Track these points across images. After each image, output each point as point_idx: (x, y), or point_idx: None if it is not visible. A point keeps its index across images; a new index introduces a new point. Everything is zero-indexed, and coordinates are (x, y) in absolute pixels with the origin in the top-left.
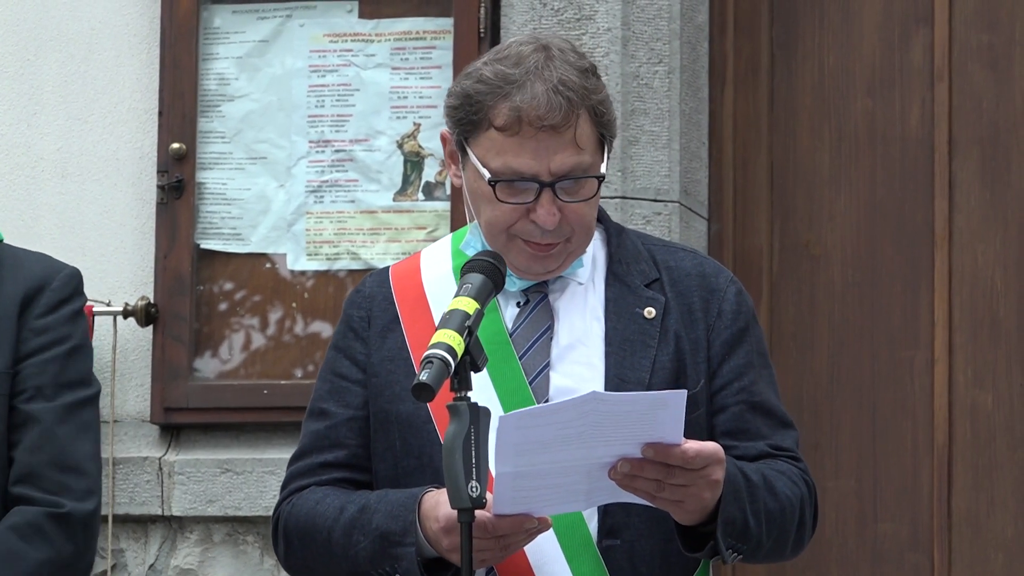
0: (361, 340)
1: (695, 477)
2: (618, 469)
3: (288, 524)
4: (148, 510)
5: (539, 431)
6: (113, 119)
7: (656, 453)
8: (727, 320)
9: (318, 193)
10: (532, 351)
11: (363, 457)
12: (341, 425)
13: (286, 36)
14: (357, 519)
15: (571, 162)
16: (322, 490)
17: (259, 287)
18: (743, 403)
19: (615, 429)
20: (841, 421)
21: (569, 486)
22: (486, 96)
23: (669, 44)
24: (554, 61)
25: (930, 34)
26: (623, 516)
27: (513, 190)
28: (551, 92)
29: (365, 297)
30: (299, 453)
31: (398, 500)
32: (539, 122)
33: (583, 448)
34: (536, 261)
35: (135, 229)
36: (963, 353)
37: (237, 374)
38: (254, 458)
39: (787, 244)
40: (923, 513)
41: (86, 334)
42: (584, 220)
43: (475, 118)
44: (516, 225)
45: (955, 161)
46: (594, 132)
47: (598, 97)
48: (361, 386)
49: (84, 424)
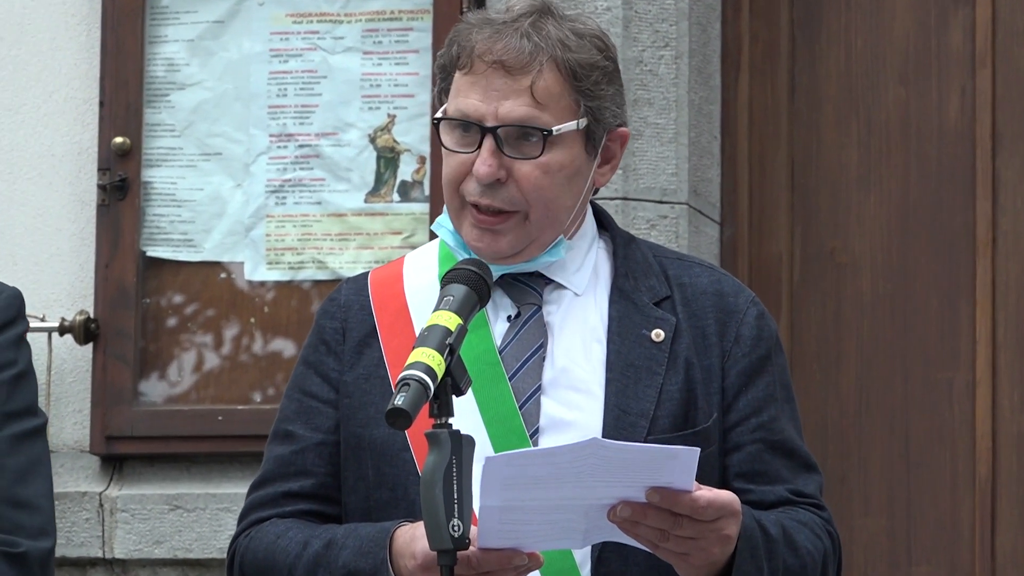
0: (334, 355)
1: (705, 530)
2: (618, 512)
3: (245, 560)
4: (87, 552)
5: (531, 469)
6: (48, 110)
7: (662, 499)
8: (746, 346)
9: (280, 194)
10: (523, 372)
11: (332, 487)
12: (308, 450)
13: (243, 16)
14: (322, 556)
15: (522, 111)
16: (284, 523)
17: (213, 300)
18: (761, 442)
19: (618, 473)
20: (871, 451)
21: (564, 523)
22: (460, 36)
23: (676, 25)
24: (547, 18)
25: (971, 14)
26: (619, 564)
27: (457, 136)
28: (517, 34)
29: (340, 306)
30: (260, 480)
31: (368, 535)
32: (489, 56)
33: (580, 488)
34: (483, 238)
35: (73, 234)
36: (1008, 374)
37: (188, 398)
38: (207, 493)
39: (809, 251)
40: (963, 555)
41: (30, 360)
42: (541, 191)
43: (445, 61)
44: (464, 185)
45: (999, 157)
46: (565, 93)
47: (579, 56)
48: (332, 407)
49: (35, 457)
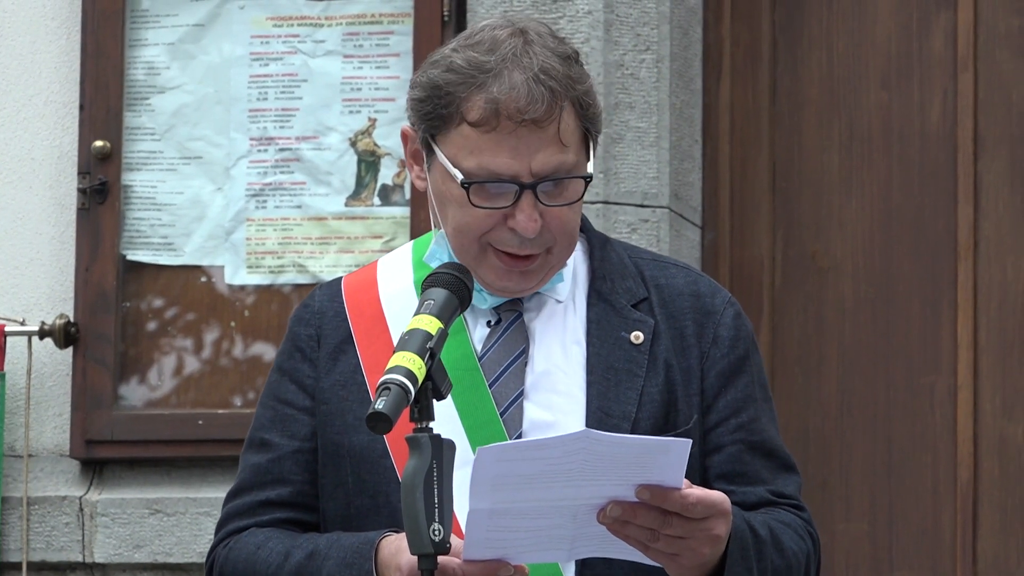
0: (309, 362)
1: (694, 529)
2: (608, 512)
3: (225, 570)
4: (67, 556)
5: (521, 465)
6: (28, 114)
7: (652, 496)
8: (724, 347)
9: (260, 197)
10: (504, 378)
11: (310, 495)
12: (285, 458)
13: (224, 19)
14: (305, 567)
15: (555, 161)
16: (264, 532)
17: (193, 304)
18: (741, 442)
19: (608, 470)
20: (852, 456)
21: (551, 530)
22: (458, 87)
23: (658, 29)
24: (533, 47)
25: (953, 18)
26: (604, 569)
27: (489, 193)
28: (531, 82)
29: (314, 312)
30: (237, 489)
31: (352, 546)
32: (519, 116)
33: (570, 487)
34: (511, 277)
35: (53, 238)
36: (990, 379)
37: (168, 402)
38: (187, 497)
39: (791, 255)
40: (944, 559)
41: None
42: (567, 228)
43: (445, 112)
44: (491, 233)
45: (981, 161)
46: (579, 127)
47: (583, 87)
48: (308, 414)
49: None
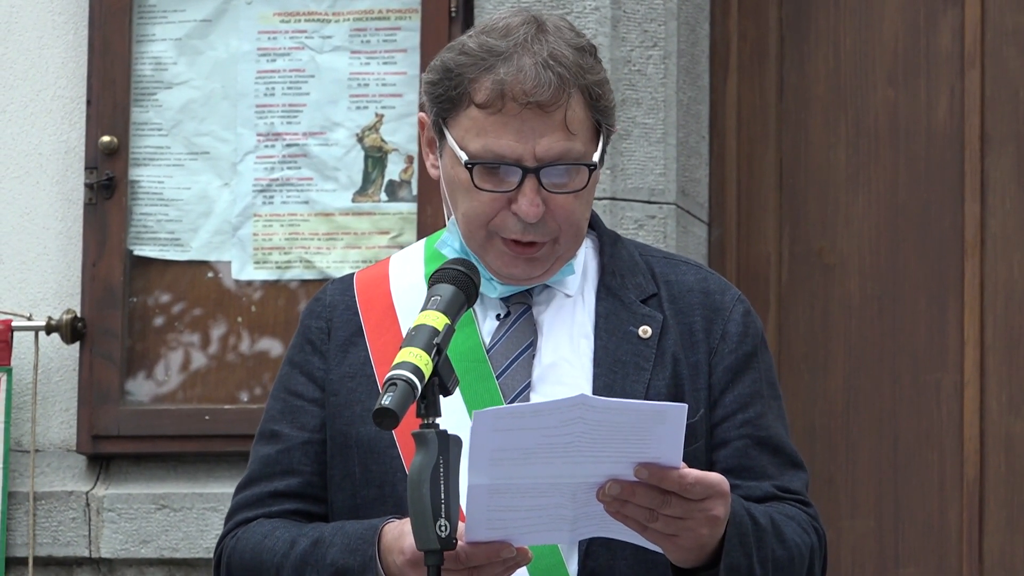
0: (319, 354)
1: (692, 509)
2: (607, 491)
3: (232, 560)
4: (74, 551)
5: (519, 435)
6: (35, 109)
7: (651, 475)
8: (732, 343)
9: (267, 193)
10: (511, 370)
11: (318, 486)
12: (295, 449)
13: (231, 15)
14: (310, 554)
15: (560, 147)
16: (271, 522)
17: (200, 299)
18: (748, 437)
19: (606, 442)
20: (858, 453)
21: (552, 509)
22: (468, 69)
23: (665, 25)
24: (547, 35)
25: (960, 15)
26: (607, 559)
27: (493, 176)
28: (540, 66)
29: (325, 306)
30: (247, 480)
31: (356, 532)
32: (524, 98)
33: (569, 464)
34: (517, 264)
35: (60, 233)
36: (996, 376)
37: (175, 398)
38: (194, 493)
39: (798, 252)
40: (951, 556)
41: None
42: (573, 218)
43: (454, 94)
44: (496, 220)
45: (988, 158)
46: (588, 118)
47: (594, 77)
48: (318, 406)
49: None
